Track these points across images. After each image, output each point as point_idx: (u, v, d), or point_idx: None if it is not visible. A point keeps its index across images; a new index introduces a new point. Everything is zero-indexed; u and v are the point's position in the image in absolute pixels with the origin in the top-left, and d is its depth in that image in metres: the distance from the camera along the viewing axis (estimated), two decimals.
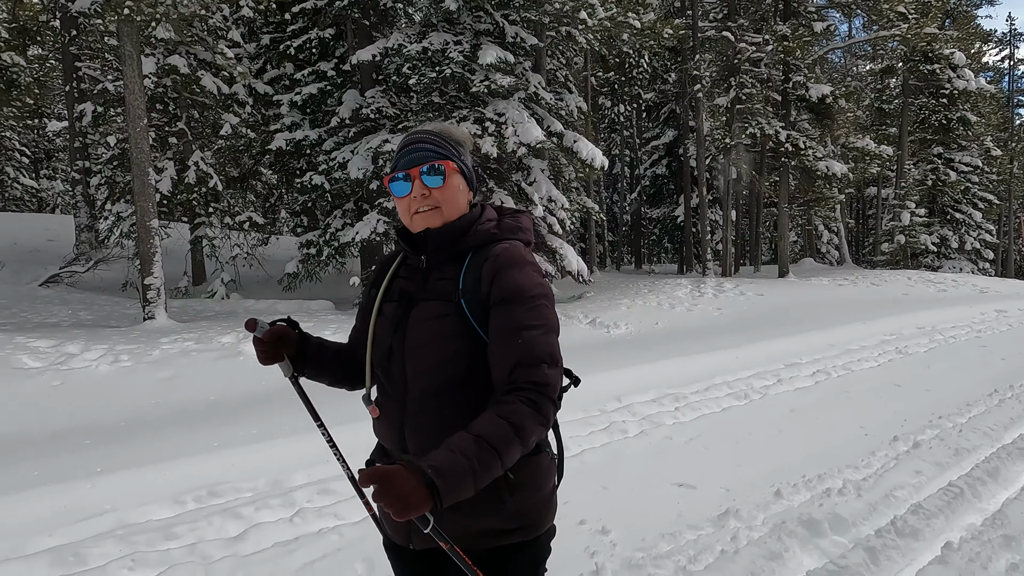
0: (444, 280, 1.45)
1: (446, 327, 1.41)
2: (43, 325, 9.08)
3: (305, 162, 13.37)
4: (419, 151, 1.47)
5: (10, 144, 25.25)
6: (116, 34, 9.77)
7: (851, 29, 30.40)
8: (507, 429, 1.26)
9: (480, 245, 1.46)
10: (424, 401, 1.42)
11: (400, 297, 1.51)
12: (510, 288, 1.38)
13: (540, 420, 1.31)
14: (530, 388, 1.31)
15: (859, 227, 37.37)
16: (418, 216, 1.47)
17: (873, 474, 4.03)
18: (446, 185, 1.47)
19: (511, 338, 1.35)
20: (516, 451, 1.28)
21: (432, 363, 1.41)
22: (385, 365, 1.48)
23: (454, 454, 1.20)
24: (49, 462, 4.04)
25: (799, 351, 7.81)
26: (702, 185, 18.35)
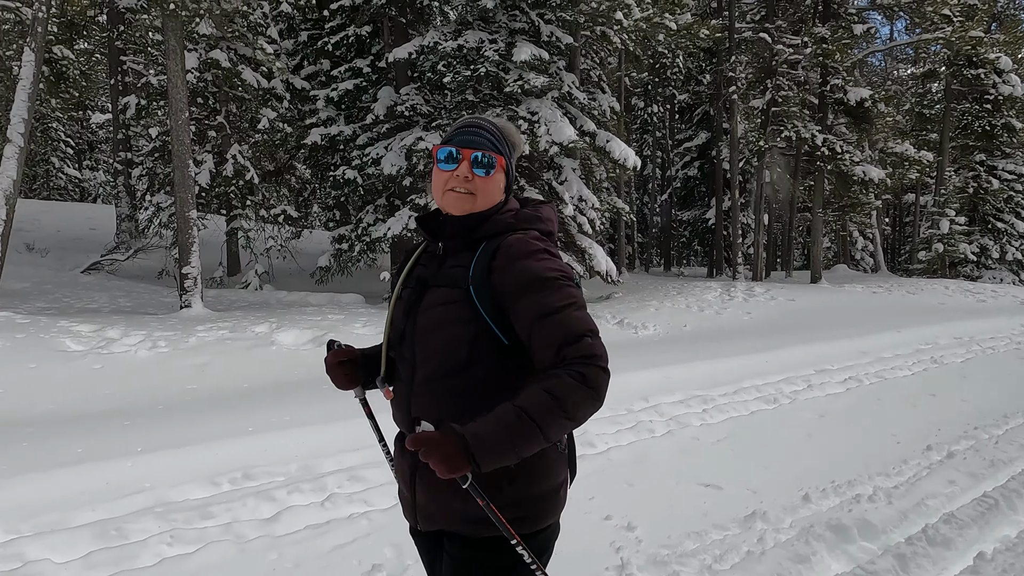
0: (457, 267, 1.47)
1: (453, 313, 1.43)
2: (84, 310, 9.37)
3: (339, 157, 13.56)
4: (478, 136, 1.49)
5: (56, 135, 26.03)
6: (161, 29, 10.05)
7: (892, 32, 29.75)
8: (548, 402, 1.27)
9: (495, 234, 1.47)
10: (429, 384, 1.45)
11: (416, 283, 1.54)
12: (528, 277, 1.38)
13: (588, 392, 1.29)
14: (578, 362, 1.31)
15: (895, 234, 36.57)
16: (451, 195, 1.48)
17: (905, 482, 3.98)
18: (490, 178, 1.49)
19: (546, 322, 1.35)
20: (559, 423, 1.29)
21: (438, 347, 1.43)
22: (398, 348, 1.53)
23: (493, 423, 1.27)
24: (91, 441, 4.19)
25: (830, 357, 7.70)
26: (735, 188, 18.15)
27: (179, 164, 9.44)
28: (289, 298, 11.41)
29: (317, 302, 11.07)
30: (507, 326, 1.41)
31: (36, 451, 3.96)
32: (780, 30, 18.51)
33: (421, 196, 11.23)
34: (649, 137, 28.32)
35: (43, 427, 4.56)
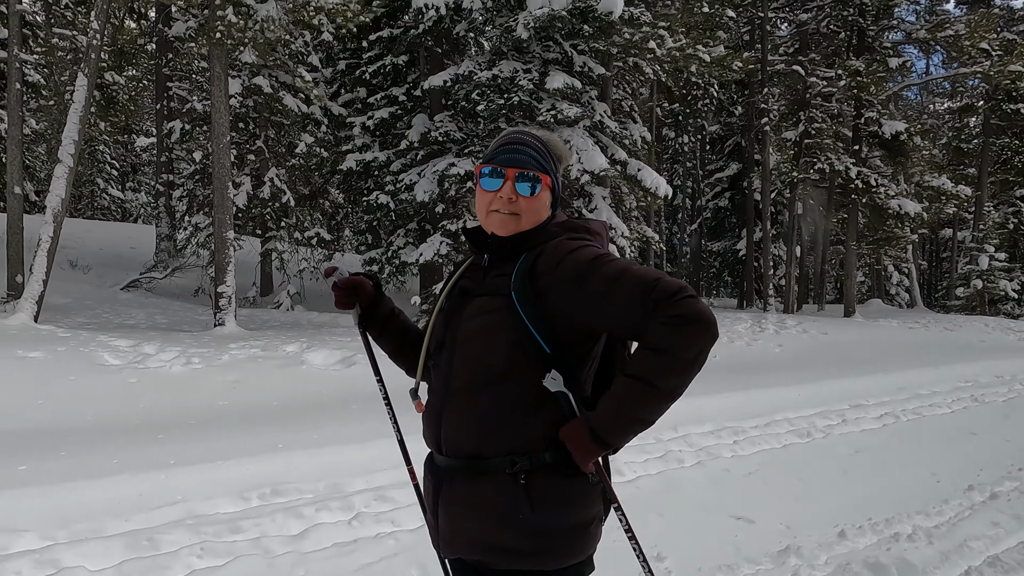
0: (500, 276, 1.43)
1: (495, 320, 1.38)
2: (123, 326, 9.61)
3: (373, 182, 13.81)
4: (522, 153, 1.43)
5: (102, 157, 26.98)
6: (207, 57, 10.42)
7: (928, 65, 29.51)
8: (652, 356, 1.25)
9: (539, 244, 1.43)
10: (463, 394, 1.40)
11: (459, 294, 1.51)
12: (578, 265, 1.34)
13: (692, 328, 1.22)
14: (664, 305, 1.23)
15: (932, 270, 35.79)
16: (495, 216, 1.43)
17: (946, 522, 3.84)
18: (536, 198, 1.43)
19: (614, 291, 1.28)
20: (672, 371, 1.25)
21: (476, 355, 1.39)
22: (436, 357, 1.49)
23: (609, 400, 1.30)
24: (127, 452, 4.27)
25: (865, 392, 7.51)
26: (766, 219, 18.01)
27: (219, 186, 9.70)
28: (319, 319, 11.56)
29: (347, 323, 11.18)
30: (549, 334, 1.34)
31: (75, 461, 4.05)
32: (813, 63, 18.50)
33: (452, 222, 11.34)
34: (679, 167, 28.32)
35: (82, 438, 4.67)
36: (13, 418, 5.20)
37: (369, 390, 6.99)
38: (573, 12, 10.49)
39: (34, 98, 16.49)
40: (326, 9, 9.61)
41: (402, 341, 1.71)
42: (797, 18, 19.42)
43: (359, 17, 9.95)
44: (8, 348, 6.65)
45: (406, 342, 1.71)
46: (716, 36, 17.09)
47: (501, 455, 1.36)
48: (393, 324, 1.72)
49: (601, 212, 11.56)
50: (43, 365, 6.36)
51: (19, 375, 6.07)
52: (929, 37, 18.19)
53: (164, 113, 15.25)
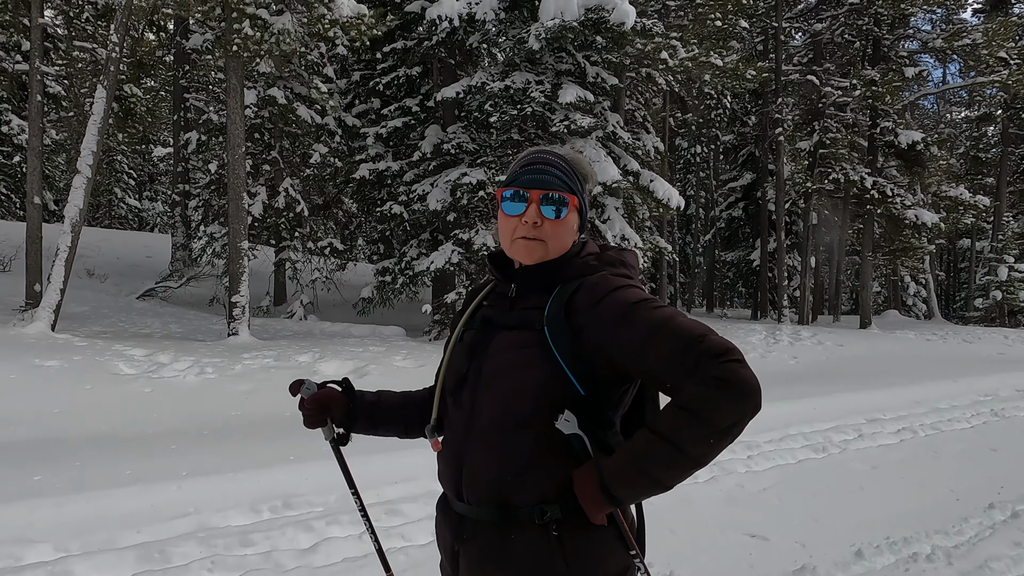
0: (529, 309, 1.32)
1: (525, 356, 1.27)
2: (138, 335, 9.69)
3: (386, 192, 13.88)
4: (547, 174, 1.33)
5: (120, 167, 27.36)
6: (223, 69, 10.55)
7: (945, 74, 29.25)
8: (685, 417, 1.13)
9: (575, 276, 1.32)
10: (489, 433, 1.28)
11: (482, 324, 1.39)
12: (621, 307, 1.23)
13: (732, 393, 1.10)
14: (708, 365, 1.12)
15: (950, 280, 35.35)
16: (520, 243, 1.32)
17: (966, 542, 3.77)
18: (562, 221, 1.32)
19: (656, 340, 1.17)
20: (703, 438, 1.12)
21: (505, 393, 1.28)
22: (456, 393, 1.36)
23: (627, 452, 1.18)
24: (140, 463, 4.29)
25: (882, 406, 7.41)
26: (781, 230, 17.89)
27: (234, 196, 9.79)
28: (332, 329, 11.60)
29: (359, 333, 11.22)
30: (584, 374, 1.24)
31: (89, 471, 4.08)
32: (828, 72, 18.42)
33: (464, 231, 11.37)
34: (693, 177, 28.26)
35: (97, 447, 4.70)
36: (30, 426, 5.25)
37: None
38: (585, 23, 10.52)
39: (54, 109, 16.77)
40: (341, 22, 9.71)
41: (406, 418, 1.57)
42: (811, 28, 19.36)
43: (373, 30, 10.03)
44: (26, 357, 6.73)
45: (408, 418, 1.56)
46: (729, 46, 17.09)
47: (530, 503, 1.25)
48: (382, 411, 1.58)
49: (614, 223, 11.54)
50: (60, 374, 6.43)
51: (37, 384, 6.14)
52: (946, 46, 18.06)
53: (181, 124, 15.44)
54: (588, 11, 10.44)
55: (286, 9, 9.70)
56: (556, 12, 10.33)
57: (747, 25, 18.17)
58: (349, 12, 9.82)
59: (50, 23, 11.82)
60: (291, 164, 13.96)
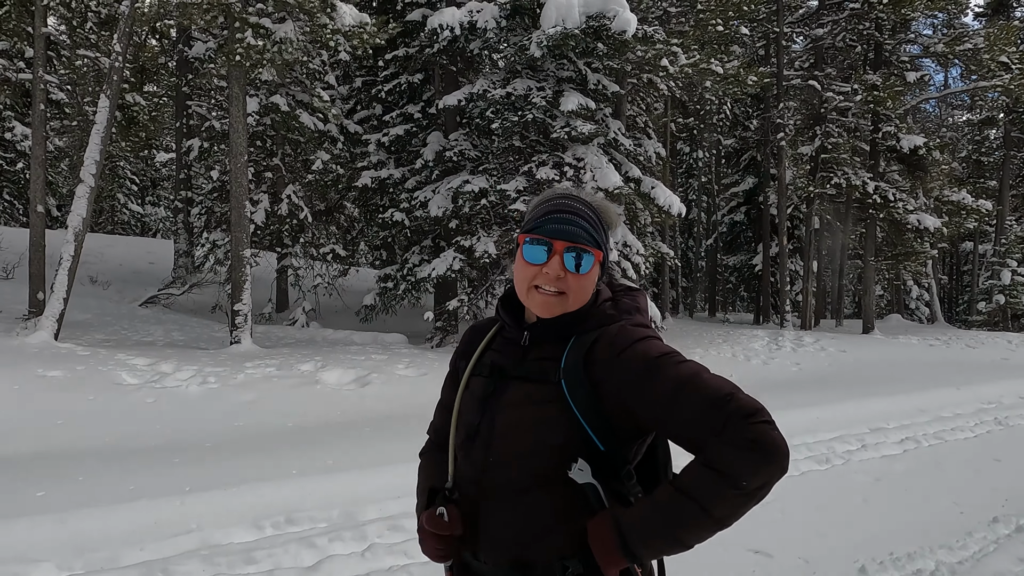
0: (544, 360, 1.26)
1: (542, 412, 1.22)
2: (141, 343, 9.71)
3: (388, 199, 13.90)
4: (574, 225, 1.26)
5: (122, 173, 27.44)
6: (226, 77, 10.58)
7: (947, 79, 29.25)
8: (709, 476, 1.09)
9: (593, 327, 1.28)
10: (506, 491, 1.24)
11: (491, 372, 1.32)
12: (642, 359, 1.20)
13: (760, 455, 1.08)
14: (736, 425, 1.10)
15: (953, 284, 35.30)
16: (538, 294, 1.26)
17: (970, 557, 3.75)
18: (586, 275, 1.26)
19: (682, 397, 1.15)
20: (730, 500, 1.09)
21: (522, 450, 1.23)
22: (468, 448, 1.30)
23: (647, 505, 1.14)
24: (143, 477, 4.29)
25: (885, 414, 7.40)
26: (783, 234, 17.87)
27: (236, 204, 9.81)
28: (334, 336, 11.61)
29: (361, 341, 11.23)
30: (603, 428, 1.20)
31: (92, 485, 4.08)
32: (829, 77, 18.42)
33: (466, 238, 11.38)
34: (694, 181, 28.26)
35: (100, 460, 4.70)
36: (34, 439, 5.26)
37: (382, 411, 7.02)
38: (587, 31, 10.54)
39: (57, 116, 16.83)
40: (343, 31, 9.73)
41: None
42: (812, 33, 19.37)
43: (375, 38, 10.06)
44: (29, 367, 6.74)
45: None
46: (730, 51, 17.11)
47: (551, 560, 1.22)
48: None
49: (616, 230, 11.53)
50: (63, 384, 6.44)
51: (40, 395, 6.15)
52: (947, 51, 18.05)
53: (183, 131, 15.48)
54: (590, 18, 10.45)
55: (288, 18, 9.73)
56: (558, 20, 10.35)
57: (748, 31, 18.19)
58: (351, 21, 9.85)
59: (53, 31, 11.87)
60: (293, 171, 13.99)
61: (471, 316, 11.78)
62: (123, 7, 9.49)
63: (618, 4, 10.52)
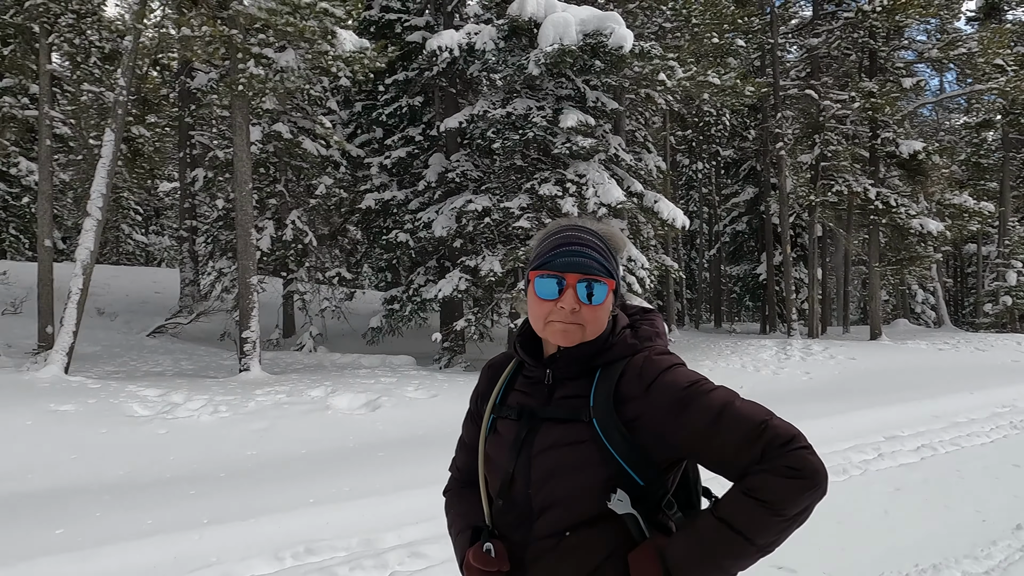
0: (574, 398, 1.25)
1: (579, 454, 1.21)
2: (150, 374, 9.72)
3: (392, 221, 13.98)
4: (585, 256, 1.25)
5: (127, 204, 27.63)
6: (228, 106, 10.70)
7: (943, 83, 29.40)
8: (752, 505, 1.10)
9: (617, 358, 1.27)
10: (553, 538, 1.22)
11: (520, 415, 1.30)
12: (673, 390, 1.19)
13: (802, 483, 1.08)
14: (775, 454, 1.10)
15: (958, 286, 35.21)
16: (555, 327, 1.24)
17: (996, 566, 3.71)
18: (601, 306, 1.25)
19: (719, 426, 1.15)
20: (772, 525, 1.10)
21: (564, 496, 1.21)
22: (505, 496, 1.28)
23: (692, 537, 1.14)
24: (160, 511, 4.28)
25: (900, 422, 7.36)
26: (786, 243, 17.89)
27: (242, 233, 9.87)
28: (342, 360, 11.61)
29: (369, 364, 11.22)
30: (640, 463, 1.20)
31: (110, 522, 4.07)
32: (826, 86, 18.53)
33: (471, 258, 11.41)
34: (695, 193, 28.35)
35: (116, 495, 4.69)
36: (48, 475, 5.25)
37: (394, 436, 7.00)
38: (584, 48, 10.65)
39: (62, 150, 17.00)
40: (343, 57, 9.85)
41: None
42: (807, 42, 19.52)
43: (375, 63, 10.17)
44: (41, 402, 6.75)
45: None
46: (726, 64, 17.24)
47: None
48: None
49: None
50: (75, 419, 6.44)
51: (52, 430, 6.15)
52: (942, 56, 18.18)
53: (187, 161, 15.61)
54: (586, 36, 10.57)
55: (289, 47, 9.86)
56: (555, 38, 10.47)
57: (743, 43, 18.34)
58: (351, 47, 9.97)
59: (57, 68, 12.03)
60: (296, 196, 14.09)
61: (478, 335, 11.78)
62: (126, 42, 9.63)
63: (614, 21, 10.64)
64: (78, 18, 10.74)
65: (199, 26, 8.97)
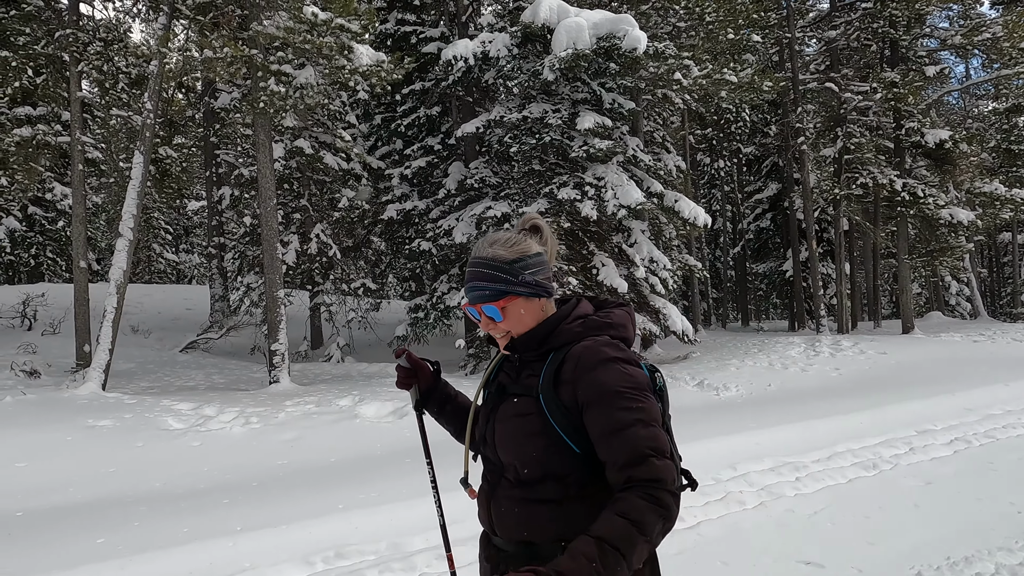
0: (531, 376, 1.50)
1: (526, 425, 1.45)
2: (183, 388, 9.95)
3: (413, 230, 14.14)
4: (477, 289, 1.52)
5: (157, 224, 28.33)
6: (251, 124, 10.94)
7: (968, 69, 28.80)
8: (627, 528, 1.26)
9: (564, 344, 1.48)
10: (509, 487, 1.49)
11: (496, 389, 1.59)
12: (597, 388, 1.38)
13: (661, 513, 1.29)
14: (645, 484, 1.30)
15: (993, 276, 34.33)
16: (496, 338, 1.56)
17: None
18: (506, 317, 1.51)
19: (612, 439, 1.35)
20: (642, 548, 1.28)
21: (516, 456, 1.47)
22: (482, 450, 1.59)
23: (577, 560, 1.24)
24: (196, 519, 4.40)
25: (932, 416, 7.22)
26: (811, 238, 17.65)
27: (268, 248, 10.08)
28: (370, 370, 11.75)
29: (395, 373, 11.33)
30: (575, 434, 1.41)
31: (148, 530, 4.20)
32: (847, 78, 18.29)
33: None
34: (717, 191, 28.11)
35: (153, 505, 4.84)
36: (88, 487, 5.43)
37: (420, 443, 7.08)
38: (598, 51, 10.69)
39: (94, 174, 17.51)
40: (361, 71, 10.02)
41: (462, 424, 1.78)
42: (826, 35, 19.30)
43: (392, 75, 10.32)
44: (80, 418, 6.97)
45: (462, 420, 1.79)
46: (743, 60, 17.12)
47: (550, 542, 1.44)
48: (452, 406, 1.82)
49: (641, 246, 11.55)
50: (112, 433, 6.64)
51: (91, 444, 6.35)
52: (965, 42, 17.83)
53: (213, 180, 15.97)
54: (600, 40, 10.61)
55: (308, 63, 10.06)
56: (568, 43, 10.53)
57: (760, 38, 18.17)
58: (368, 61, 10.14)
59: (87, 94, 12.43)
60: (320, 210, 14.33)
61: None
62: (152, 66, 9.92)
63: (627, 23, 10.66)
64: (105, 45, 11.10)
65: (221, 47, 9.20)
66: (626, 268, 11.25)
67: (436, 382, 1.84)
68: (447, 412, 1.82)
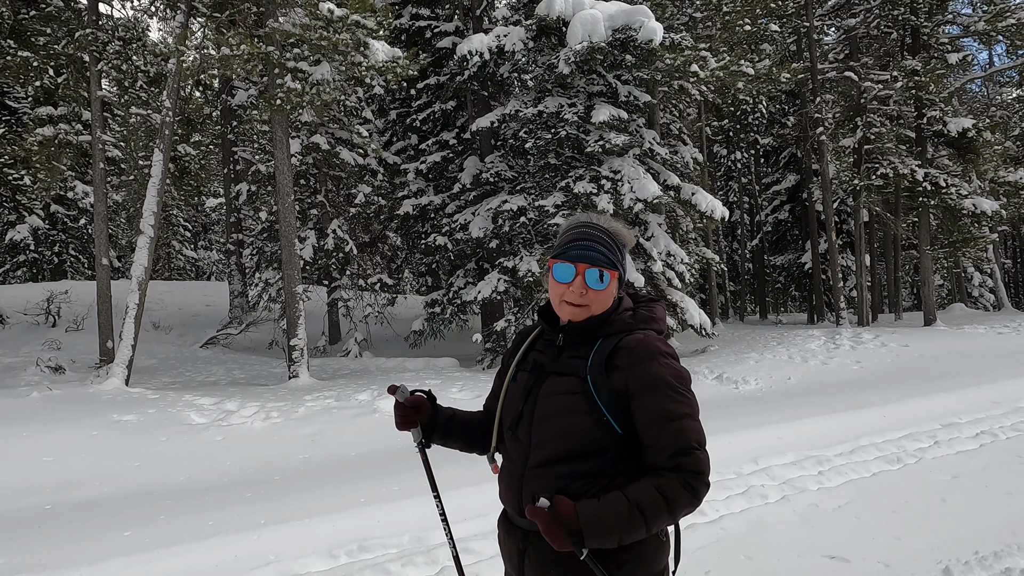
0: (576, 358, 1.54)
1: (572, 403, 1.50)
2: (204, 384, 10.07)
3: (430, 225, 14.16)
4: (592, 250, 1.54)
5: (176, 221, 28.64)
6: (268, 121, 11.00)
7: (991, 56, 28.24)
8: (660, 502, 1.39)
9: (615, 333, 1.55)
10: (543, 468, 1.51)
11: (533, 368, 1.61)
12: (652, 379, 1.46)
13: (692, 501, 1.41)
14: (688, 473, 1.41)
15: (1017, 267, 33.74)
16: (567, 306, 1.56)
17: None
18: (605, 290, 1.56)
19: (663, 427, 1.44)
20: (663, 521, 1.41)
21: (555, 434, 1.50)
22: (513, 429, 1.59)
23: (605, 509, 1.38)
24: (220, 513, 4.45)
25: (957, 409, 7.12)
26: (830, 230, 17.43)
27: (286, 243, 10.14)
28: (387, 364, 11.81)
29: (414, 367, 11.39)
30: (621, 417, 1.48)
31: (174, 524, 4.26)
32: (866, 67, 18.02)
33: (509, 259, 11.48)
34: (735, 183, 27.85)
35: (178, 499, 4.90)
36: (114, 482, 5.51)
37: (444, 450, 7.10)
38: (613, 44, 10.61)
39: (114, 172, 17.71)
40: (377, 67, 10.02)
41: (470, 437, 1.81)
42: (845, 23, 19.01)
43: (408, 71, 10.32)
44: (105, 413, 7.08)
45: (474, 436, 1.81)
46: (760, 50, 16.92)
47: None
48: (455, 426, 1.82)
49: (658, 240, 11.48)
50: (136, 428, 6.73)
51: (116, 439, 6.44)
52: (989, 28, 17.46)
53: (231, 176, 16.10)
54: (615, 32, 10.53)
55: (324, 60, 10.09)
56: (584, 36, 10.46)
57: (777, 27, 17.95)
58: (384, 56, 10.14)
59: (107, 93, 12.56)
60: (336, 205, 14.39)
61: None
62: (170, 64, 10.00)
63: (643, 15, 10.57)
64: (124, 44, 11.21)
65: (238, 45, 9.25)
66: (643, 262, 11.19)
67: (435, 412, 1.81)
68: (454, 434, 1.81)
